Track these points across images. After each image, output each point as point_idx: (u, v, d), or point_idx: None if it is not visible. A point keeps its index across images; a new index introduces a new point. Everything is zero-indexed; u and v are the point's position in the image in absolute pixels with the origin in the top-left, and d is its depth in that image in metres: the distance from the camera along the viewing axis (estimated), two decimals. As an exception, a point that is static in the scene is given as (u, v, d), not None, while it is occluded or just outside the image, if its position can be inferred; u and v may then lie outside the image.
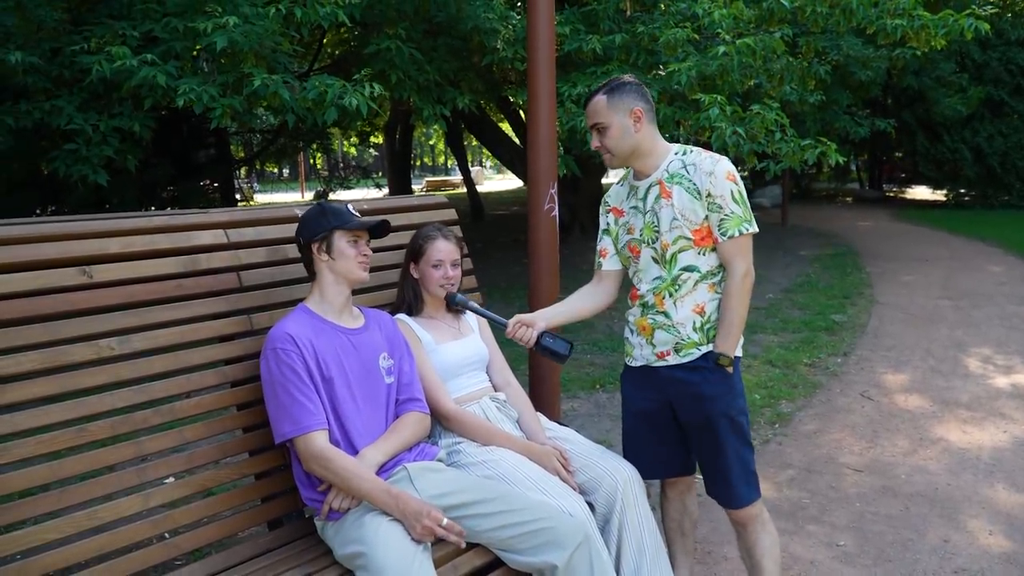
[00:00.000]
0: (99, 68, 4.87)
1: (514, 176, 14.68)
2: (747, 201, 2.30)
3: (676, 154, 2.36)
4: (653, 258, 2.38)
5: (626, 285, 2.57)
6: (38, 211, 8.88)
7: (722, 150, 6.00)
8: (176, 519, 2.13)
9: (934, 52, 8.75)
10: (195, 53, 5.14)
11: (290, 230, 2.50)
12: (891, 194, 23.36)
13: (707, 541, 3.26)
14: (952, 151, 17.95)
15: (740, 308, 2.30)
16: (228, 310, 2.39)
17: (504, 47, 6.59)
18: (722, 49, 5.88)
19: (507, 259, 11.02)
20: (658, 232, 2.34)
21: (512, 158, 11.83)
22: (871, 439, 4.38)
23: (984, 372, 5.57)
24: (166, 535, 2.20)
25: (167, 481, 2.18)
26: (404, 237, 2.82)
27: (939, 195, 20.51)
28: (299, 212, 2.50)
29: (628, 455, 2.56)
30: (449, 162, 48.05)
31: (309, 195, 17.95)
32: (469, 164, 21.43)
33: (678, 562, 2.64)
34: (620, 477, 2.43)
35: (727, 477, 2.33)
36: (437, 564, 2.08)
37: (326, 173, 18.60)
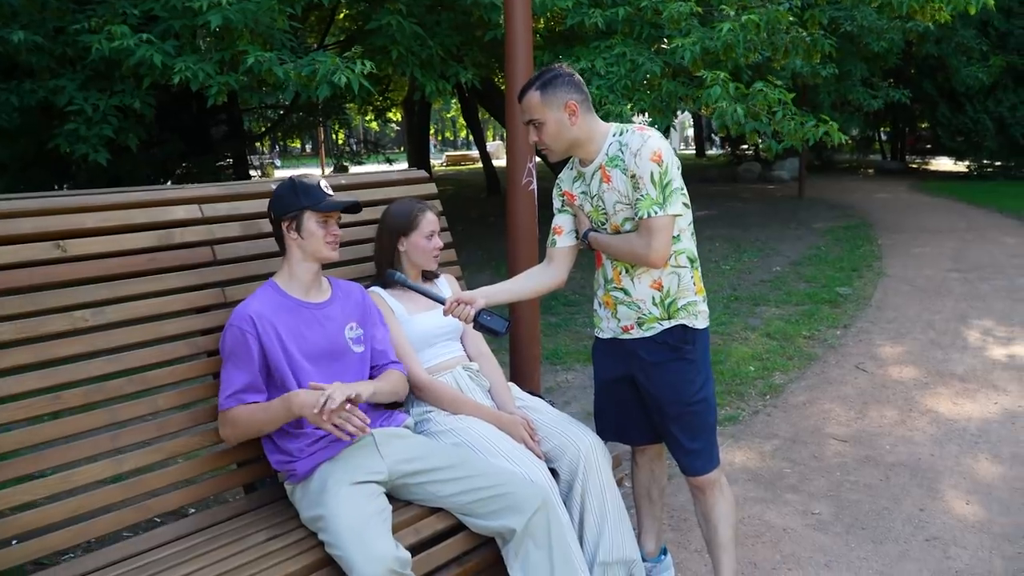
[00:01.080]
0: (99, 47, 4.95)
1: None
2: (672, 184, 2.24)
3: (614, 135, 2.34)
4: None
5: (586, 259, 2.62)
6: (56, 187, 9.04)
7: (724, 128, 5.99)
8: (149, 483, 2.23)
9: (953, 20, 8.61)
10: (193, 32, 5.20)
11: (264, 205, 2.57)
12: (914, 166, 23.05)
13: (684, 509, 3.33)
14: (974, 121, 17.65)
15: (620, 246, 2.32)
16: (202, 283, 2.47)
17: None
18: (726, 27, 5.84)
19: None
20: (606, 215, 2.38)
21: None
22: (860, 410, 4.41)
23: (983, 344, 5.56)
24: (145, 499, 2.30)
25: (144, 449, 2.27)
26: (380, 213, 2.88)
27: (962, 166, 20.20)
28: (274, 187, 2.56)
29: (598, 423, 2.63)
30: (470, 136, 48.06)
31: (329, 170, 18.05)
32: (491, 138, 21.41)
33: (644, 527, 2.71)
34: (583, 445, 2.49)
35: (682, 447, 2.39)
36: (397, 528, 2.16)
37: (348, 148, 18.65)
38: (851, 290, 7.41)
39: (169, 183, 10.87)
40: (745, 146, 23.48)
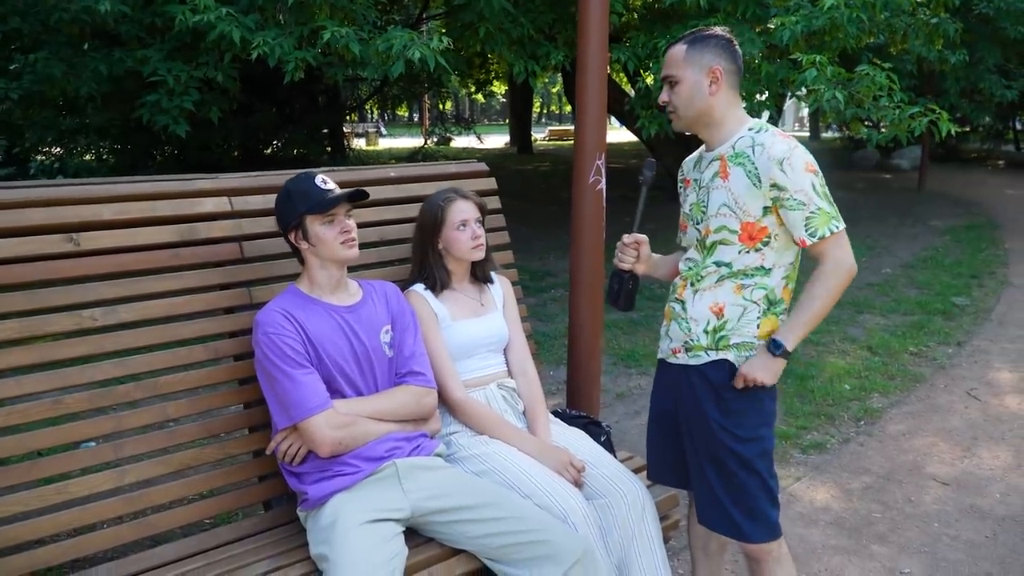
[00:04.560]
0: (182, 19, 4.89)
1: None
2: (830, 196, 1.97)
3: (750, 130, 2.03)
4: (696, 239, 2.11)
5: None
6: (154, 155, 9.26)
7: (823, 114, 5.47)
8: (152, 497, 2.07)
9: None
10: (276, 5, 5.08)
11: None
12: (1052, 159, 21.20)
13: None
14: None
15: (825, 297, 1.97)
16: (227, 282, 2.29)
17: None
18: (830, 2, 5.29)
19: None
20: (704, 213, 2.06)
21: (621, 109, 11.39)
22: (968, 447, 3.91)
23: (1122, 376, 4.90)
24: (148, 512, 2.15)
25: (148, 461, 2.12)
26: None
27: (1108, 163, 18.42)
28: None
29: (649, 459, 2.33)
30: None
31: (432, 140, 18.08)
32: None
33: (699, 583, 2.39)
34: (629, 495, 2.20)
35: (726, 509, 2.05)
36: (410, 570, 1.94)
37: (441, 122, 18.61)
38: (969, 300, 6.73)
39: (272, 150, 10.99)
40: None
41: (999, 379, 4.86)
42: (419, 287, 2.44)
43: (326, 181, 2.15)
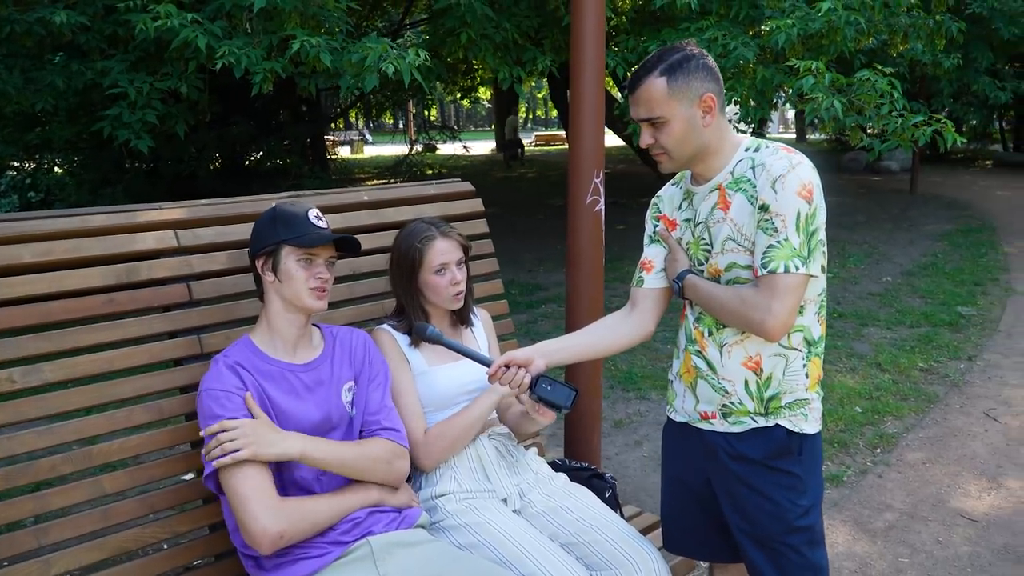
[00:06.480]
0: (143, 28, 4.57)
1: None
2: (818, 234, 1.65)
3: (747, 150, 1.73)
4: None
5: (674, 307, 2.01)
6: (126, 169, 8.92)
7: (820, 123, 5.21)
8: (83, 591, 1.76)
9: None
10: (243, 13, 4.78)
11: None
12: (1039, 159, 21.15)
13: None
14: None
15: (726, 302, 1.69)
16: (174, 329, 1.98)
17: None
18: (827, 5, 5.04)
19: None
20: (708, 252, 1.77)
21: (610, 115, 11.15)
22: (994, 476, 3.65)
23: None
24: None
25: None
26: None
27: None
28: (275, 205, 2.05)
29: (665, 528, 2.03)
30: (562, 116, 47.34)
31: (418, 148, 17.76)
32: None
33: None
34: (639, 560, 1.91)
35: None
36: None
37: (425, 130, 18.32)
38: (975, 310, 6.50)
39: (250, 162, 10.64)
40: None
41: (1016, 397, 4.60)
42: (387, 327, 2.15)
43: (320, 217, 1.87)
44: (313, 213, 1.87)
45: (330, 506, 1.78)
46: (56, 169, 9.42)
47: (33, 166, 9.27)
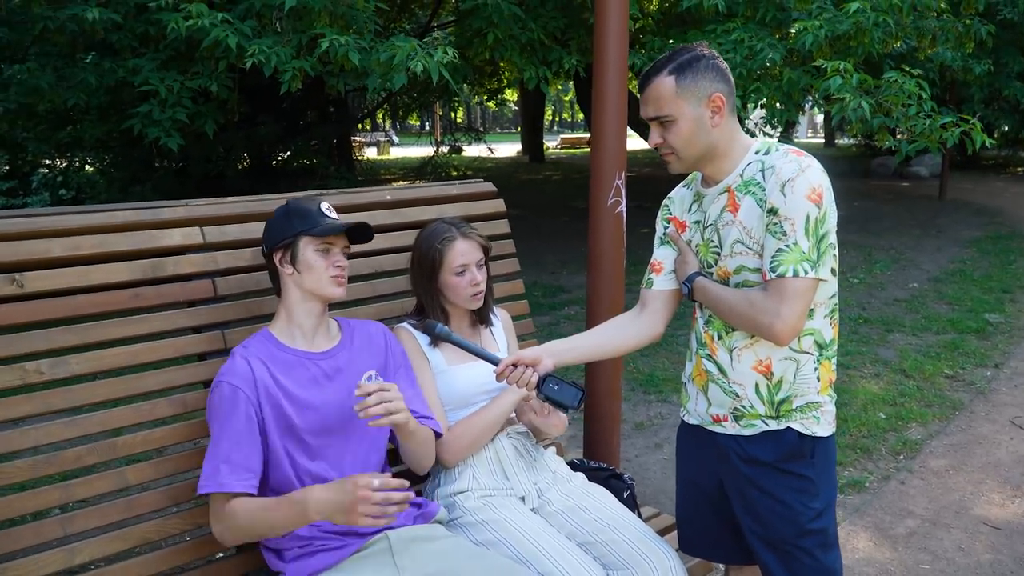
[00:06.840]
0: (175, 27, 4.64)
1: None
2: (828, 237, 1.65)
3: (756, 153, 1.74)
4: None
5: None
6: (156, 167, 9.04)
7: (847, 124, 5.17)
8: (107, 580, 1.79)
9: None
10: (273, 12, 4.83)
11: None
12: (1074, 165, 20.76)
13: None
14: None
15: (735, 304, 1.70)
16: (199, 324, 2.02)
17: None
18: (855, 6, 5.00)
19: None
20: (717, 254, 1.77)
21: (635, 117, 11.15)
22: (1019, 485, 3.60)
23: None
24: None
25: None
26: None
27: None
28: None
29: (681, 532, 2.04)
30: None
31: (444, 149, 17.81)
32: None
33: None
34: (656, 560, 1.91)
35: None
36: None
37: (451, 131, 18.36)
38: (1002, 318, 6.40)
39: (278, 162, 10.74)
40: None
41: (1045, 406, 4.54)
42: (406, 325, 2.18)
43: (331, 209, 1.93)
44: (324, 206, 1.91)
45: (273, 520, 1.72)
46: (87, 167, 9.58)
47: (64, 164, 9.43)
